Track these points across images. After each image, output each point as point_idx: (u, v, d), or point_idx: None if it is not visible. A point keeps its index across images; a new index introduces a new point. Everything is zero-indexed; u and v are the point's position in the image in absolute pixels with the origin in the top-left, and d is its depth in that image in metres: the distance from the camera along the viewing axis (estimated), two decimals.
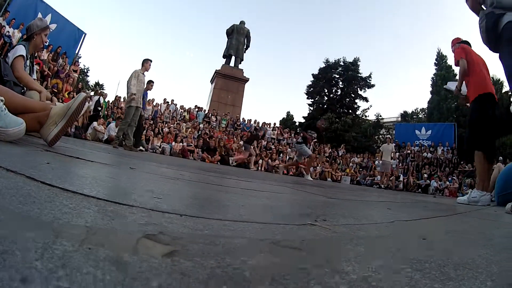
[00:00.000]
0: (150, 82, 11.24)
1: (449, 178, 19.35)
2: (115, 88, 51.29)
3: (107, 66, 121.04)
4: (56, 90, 15.28)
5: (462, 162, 21.29)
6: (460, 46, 5.52)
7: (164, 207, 1.06)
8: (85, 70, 47.54)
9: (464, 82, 5.39)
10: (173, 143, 16.99)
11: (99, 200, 0.97)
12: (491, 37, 3.51)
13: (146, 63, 10.12)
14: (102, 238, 0.60)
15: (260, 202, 1.98)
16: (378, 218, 1.91)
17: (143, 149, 11.75)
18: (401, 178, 20.21)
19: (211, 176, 3.73)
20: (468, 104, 5.60)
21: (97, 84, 51.91)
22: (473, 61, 5.21)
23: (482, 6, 3.70)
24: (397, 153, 24.13)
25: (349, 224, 1.41)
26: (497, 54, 3.56)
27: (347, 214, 1.87)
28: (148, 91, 11.47)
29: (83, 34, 20.64)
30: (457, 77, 5.80)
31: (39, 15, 16.47)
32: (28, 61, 4.49)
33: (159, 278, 0.45)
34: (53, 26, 18.02)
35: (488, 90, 5.05)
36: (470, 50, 5.38)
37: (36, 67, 6.16)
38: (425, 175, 19.98)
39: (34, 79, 4.77)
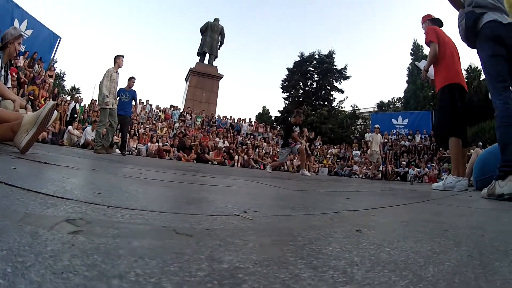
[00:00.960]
0: (131, 79, 10.85)
1: (428, 165, 19.82)
2: (91, 92, 50.81)
3: (83, 70, 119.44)
4: (32, 97, 15.08)
5: (441, 149, 21.79)
6: (431, 27, 5.41)
7: (97, 200, 1.21)
8: (61, 75, 46.88)
9: (432, 65, 5.34)
10: (149, 143, 17.01)
11: (46, 196, 1.17)
12: (471, 35, 3.65)
13: (118, 59, 9.79)
14: (33, 220, 0.82)
15: (199, 195, 1.99)
16: (324, 209, 1.83)
17: (125, 154, 11.43)
18: (380, 167, 20.50)
19: (175, 174, 3.86)
20: (430, 81, 5.66)
21: (73, 88, 51.37)
22: (444, 46, 5.14)
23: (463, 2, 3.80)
24: None
25: (279, 215, 1.43)
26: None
27: (291, 205, 1.84)
28: (133, 88, 10.91)
29: (58, 38, 20.27)
30: (424, 60, 5.82)
31: (15, 22, 16.38)
32: (2, 70, 4.57)
33: (54, 245, 0.64)
34: (29, 32, 17.78)
35: (457, 80, 5.05)
36: (443, 33, 5.31)
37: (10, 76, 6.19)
38: (404, 163, 20.31)
39: (9, 87, 4.86)
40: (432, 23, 5.63)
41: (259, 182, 3.90)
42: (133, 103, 11.26)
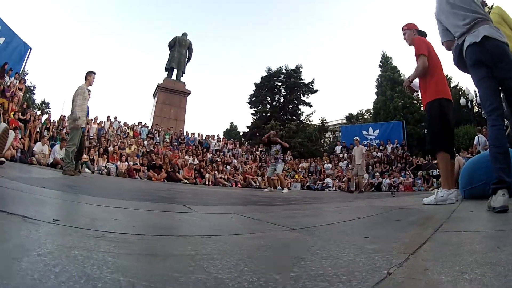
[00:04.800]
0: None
1: (402, 174, 20.05)
2: (61, 107, 49.50)
3: (53, 84, 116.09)
4: (1, 110, 14.15)
5: (414, 156, 22.06)
6: (422, 38, 5.33)
7: None
8: (32, 88, 45.48)
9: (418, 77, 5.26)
10: (119, 162, 16.30)
11: None
12: (463, 67, 3.75)
13: (89, 76, 9.25)
14: None
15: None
16: (362, 270, 1.69)
17: (81, 172, 10.58)
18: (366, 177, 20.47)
19: (147, 212, 3.23)
20: (411, 92, 5.63)
21: (43, 102, 49.75)
22: (435, 59, 5.09)
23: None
24: (345, 155, 24.53)
25: None
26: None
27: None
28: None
29: (29, 49, 19.06)
30: (408, 73, 5.62)
31: None
32: None
33: None
34: (1, 40, 16.94)
35: (448, 95, 5.03)
36: (431, 47, 5.22)
37: None
38: (377, 173, 20.36)
39: None
40: (418, 34, 5.46)
41: (251, 217, 3.14)
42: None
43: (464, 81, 41.36)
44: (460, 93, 26.85)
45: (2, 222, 1.62)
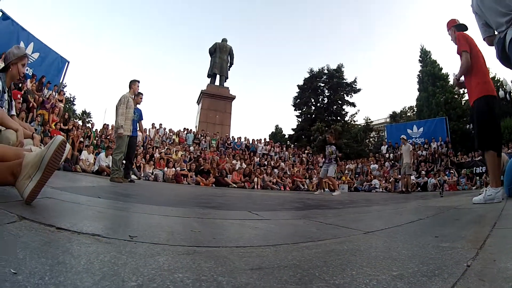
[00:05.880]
0: (139, 95, 9.91)
1: (447, 172, 19.52)
2: (102, 116, 51.09)
3: (93, 94, 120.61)
4: (40, 122, 14.92)
5: (458, 154, 21.43)
6: (462, 34, 5.22)
7: None
8: (72, 99, 47.31)
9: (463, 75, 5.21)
10: (165, 168, 16.62)
11: None
12: (506, 61, 3.66)
13: (133, 85, 9.41)
14: None
15: None
16: None
17: (134, 180, 10.83)
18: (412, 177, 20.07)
19: (196, 219, 3.37)
20: (461, 89, 5.61)
21: (84, 112, 51.62)
22: (477, 56, 5.01)
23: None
24: (391, 154, 24.09)
25: None
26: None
27: None
28: (138, 106, 10.05)
29: (67, 62, 20.12)
30: (454, 72, 5.59)
31: (21, 44, 16.07)
32: (5, 95, 4.00)
33: None
34: (35, 55, 17.71)
35: (493, 92, 4.95)
36: (473, 42, 5.12)
37: (15, 101, 5.52)
38: (423, 172, 19.96)
39: (13, 114, 4.25)
40: (458, 29, 5.38)
41: (323, 222, 3.18)
42: (140, 122, 10.60)
43: (501, 72, 39.52)
44: (498, 84, 25.77)
45: (72, 245, 1.36)
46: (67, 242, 1.41)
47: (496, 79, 30.14)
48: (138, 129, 10.43)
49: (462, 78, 5.25)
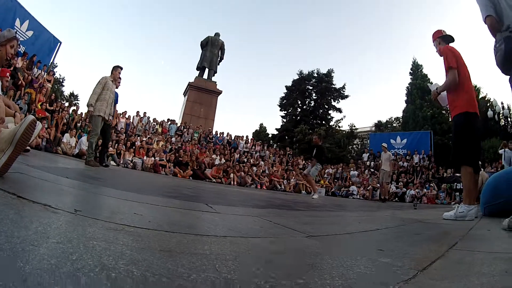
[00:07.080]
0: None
1: (426, 185, 19.86)
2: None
3: (83, 76, 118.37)
4: (27, 101, 14.77)
5: (440, 168, 21.76)
6: (449, 48, 5.13)
7: None
8: (61, 80, 46.64)
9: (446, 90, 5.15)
10: (145, 157, 16.62)
11: None
12: (508, 61, 3.47)
13: (115, 71, 9.30)
14: None
15: None
16: None
17: (108, 165, 10.79)
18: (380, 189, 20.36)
19: (173, 209, 3.34)
20: (439, 104, 5.50)
21: (72, 94, 50.83)
22: (464, 72, 4.93)
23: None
24: (372, 163, 24.40)
25: None
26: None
27: None
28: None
29: (59, 43, 20.07)
30: (437, 83, 5.52)
31: (17, 22, 16.43)
32: None
33: None
34: (29, 33, 17.69)
35: (475, 109, 4.89)
36: (460, 55, 5.04)
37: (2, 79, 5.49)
38: (401, 183, 20.24)
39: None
40: (444, 40, 5.34)
41: (272, 221, 3.18)
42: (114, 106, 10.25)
43: (492, 92, 40.12)
44: (488, 105, 26.18)
45: (24, 209, 1.65)
46: (21, 206, 1.70)
47: (486, 98, 30.62)
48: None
49: (444, 93, 5.22)
